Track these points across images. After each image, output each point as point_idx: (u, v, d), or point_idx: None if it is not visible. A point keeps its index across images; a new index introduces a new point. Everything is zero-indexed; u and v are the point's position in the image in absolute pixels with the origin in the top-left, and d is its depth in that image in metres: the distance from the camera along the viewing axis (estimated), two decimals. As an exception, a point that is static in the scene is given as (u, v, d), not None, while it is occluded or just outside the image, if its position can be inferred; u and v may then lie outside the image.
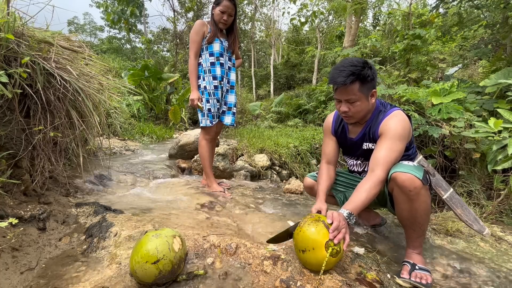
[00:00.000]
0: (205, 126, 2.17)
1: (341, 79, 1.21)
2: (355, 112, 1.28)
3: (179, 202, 1.92)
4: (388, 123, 1.25)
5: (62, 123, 1.59)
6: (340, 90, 1.25)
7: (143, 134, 4.78)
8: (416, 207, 1.14)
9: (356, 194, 1.14)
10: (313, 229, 1.02)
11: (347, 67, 1.21)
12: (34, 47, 1.47)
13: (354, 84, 1.21)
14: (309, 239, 1.01)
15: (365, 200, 1.12)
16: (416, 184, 1.10)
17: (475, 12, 6.08)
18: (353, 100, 1.25)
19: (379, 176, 1.15)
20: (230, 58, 2.24)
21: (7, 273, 1.05)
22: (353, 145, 1.44)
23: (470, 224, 1.56)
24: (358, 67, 1.20)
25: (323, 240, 0.99)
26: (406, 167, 1.14)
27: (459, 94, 2.88)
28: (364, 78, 1.21)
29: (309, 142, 3.72)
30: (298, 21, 7.92)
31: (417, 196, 1.12)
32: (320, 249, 0.99)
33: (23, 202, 1.43)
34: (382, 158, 1.18)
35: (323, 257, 0.99)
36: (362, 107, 1.27)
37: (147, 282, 0.95)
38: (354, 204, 1.11)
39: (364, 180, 1.18)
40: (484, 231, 1.53)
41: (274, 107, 7.96)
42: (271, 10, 18.22)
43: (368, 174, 1.20)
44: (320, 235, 1.00)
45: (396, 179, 1.14)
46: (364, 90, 1.24)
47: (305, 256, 1.04)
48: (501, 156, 1.85)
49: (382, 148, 1.21)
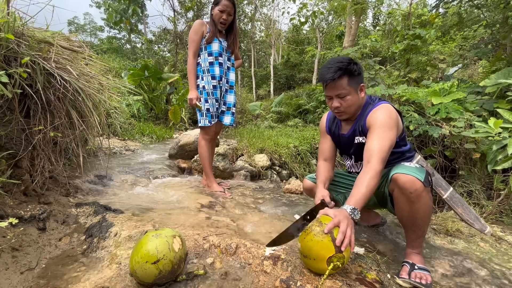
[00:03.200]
0: (204, 126, 2.17)
1: (329, 75, 1.27)
2: (347, 107, 1.32)
3: (179, 202, 1.92)
4: (375, 114, 1.28)
5: (62, 123, 1.59)
6: (330, 86, 1.30)
7: (143, 134, 4.78)
8: (417, 208, 1.14)
9: (355, 188, 1.12)
10: (318, 240, 0.99)
11: (333, 64, 1.28)
12: (34, 47, 1.47)
13: (342, 79, 1.27)
14: (312, 249, 1.00)
15: (366, 193, 1.09)
16: (417, 186, 1.10)
17: (475, 12, 6.07)
18: (343, 95, 1.29)
19: (375, 166, 1.14)
20: (229, 58, 2.24)
21: (7, 273, 1.05)
22: (346, 142, 1.46)
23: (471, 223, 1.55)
24: (344, 63, 1.27)
25: (326, 254, 0.97)
26: (407, 169, 1.13)
27: (459, 94, 2.88)
28: (351, 72, 1.27)
29: (309, 142, 3.72)
30: (298, 20, 7.92)
31: (418, 198, 1.11)
32: (321, 262, 0.98)
33: (23, 202, 1.43)
34: (375, 148, 1.18)
35: (323, 269, 0.99)
36: (353, 101, 1.31)
37: (147, 282, 0.95)
38: (356, 198, 1.09)
39: (361, 173, 1.16)
40: (485, 229, 1.53)
41: (274, 107, 7.97)
42: (271, 10, 18.22)
43: (364, 167, 1.18)
44: (324, 249, 0.98)
45: (397, 181, 1.13)
46: (353, 84, 1.29)
47: (307, 261, 1.04)
48: (501, 156, 1.85)
49: (374, 138, 1.21)
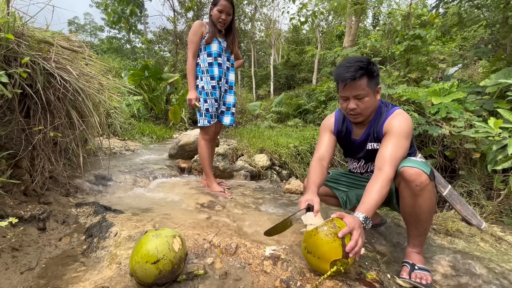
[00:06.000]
0: (203, 126, 2.18)
1: (350, 74, 1.20)
2: (364, 109, 1.27)
3: (179, 202, 1.92)
4: (393, 122, 1.25)
5: (62, 123, 1.59)
6: (348, 86, 1.24)
7: (143, 134, 4.78)
8: (421, 203, 1.14)
9: (368, 195, 1.09)
10: (328, 241, 0.97)
11: (354, 63, 1.22)
12: (34, 47, 1.47)
13: (362, 79, 1.22)
14: (319, 248, 0.99)
15: (378, 200, 1.08)
16: (422, 179, 1.10)
17: (475, 12, 6.07)
18: (361, 96, 1.24)
19: (388, 173, 1.12)
20: (229, 59, 2.24)
21: (7, 273, 1.05)
22: (356, 147, 1.43)
23: (469, 219, 1.64)
24: (364, 63, 1.22)
25: (332, 257, 0.96)
26: (414, 162, 1.15)
27: (459, 94, 2.88)
28: (371, 73, 1.23)
29: (309, 142, 3.71)
30: (298, 20, 7.90)
31: (422, 191, 1.12)
32: (325, 262, 0.98)
33: (23, 202, 1.43)
34: (389, 155, 1.16)
35: (324, 269, 0.99)
36: (370, 103, 1.27)
37: (147, 282, 0.95)
38: (368, 205, 1.07)
39: (373, 180, 1.13)
40: (482, 225, 1.64)
41: (274, 107, 7.96)
42: (271, 10, 18.22)
43: (376, 173, 1.16)
44: (332, 251, 0.96)
45: (404, 173, 1.14)
46: (371, 86, 1.25)
47: (309, 257, 1.03)
48: (501, 156, 1.85)
49: (388, 145, 1.19)
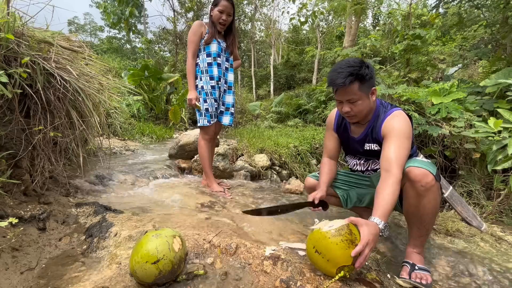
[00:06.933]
0: (203, 126, 2.18)
1: (340, 81, 1.20)
2: (358, 112, 1.27)
3: (179, 202, 1.92)
4: (391, 123, 1.24)
5: (62, 123, 1.59)
6: (340, 91, 1.25)
7: (143, 134, 4.78)
8: (425, 203, 1.14)
9: (381, 199, 1.06)
10: (342, 247, 0.95)
11: (344, 68, 1.21)
12: (34, 47, 1.47)
13: (353, 84, 1.21)
14: (331, 251, 0.96)
15: (393, 204, 1.06)
16: (428, 179, 1.10)
17: (475, 12, 6.07)
18: (354, 100, 1.24)
19: (397, 175, 1.10)
20: (228, 59, 2.25)
21: (7, 273, 1.05)
22: (355, 145, 1.44)
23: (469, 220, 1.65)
24: (355, 67, 1.20)
25: (342, 263, 0.95)
26: (420, 162, 1.15)
27: (459, 94, 2.87)
28: (363, 77, 1.21)
29: (309, 142, 3.71)
30: (298, 20, 7.90)
31: (427, 192, 1.12)
32: (333, 266, 0.97)
33: (23, 202, 1.43)
34: (394, 157, 1.14)
35: (329, 272, 0.99)
36: (364, 105, 1.27)
37: (147, 282, 0.95)
38: (384, 210, 1.03)
39: (383, 183, 1.11)
40: (482, 226, 1.64)
41: (274, 107, 7.95)
42: (271, 10, 18.21)
43: (384, 176, 1.13)
44: (344, 257, 0.94)
45: (410, 173, 1.14)
46: (364, 89, 1.24)
47: (316, 256, 1.01)
48: (501, 156, 1.84)
49: (391, 147, 1.18)
